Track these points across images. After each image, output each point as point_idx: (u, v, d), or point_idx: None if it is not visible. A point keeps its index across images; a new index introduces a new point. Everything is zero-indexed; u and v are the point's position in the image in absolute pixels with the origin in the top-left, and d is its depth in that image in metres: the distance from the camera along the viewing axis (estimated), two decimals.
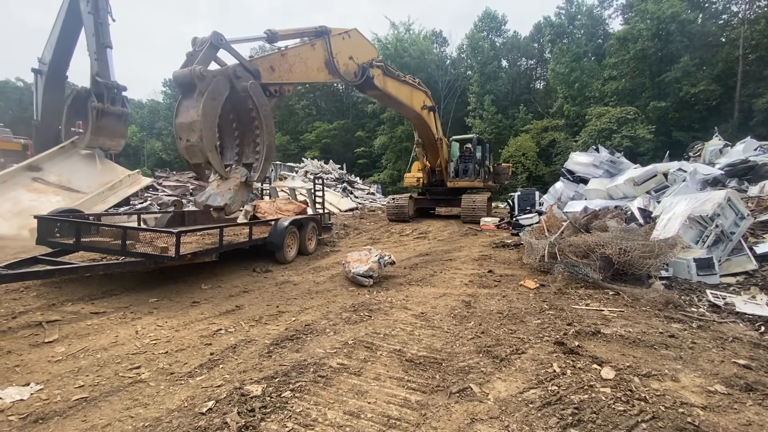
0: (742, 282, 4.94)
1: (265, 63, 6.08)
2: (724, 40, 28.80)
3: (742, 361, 2.94)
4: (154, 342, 3.38)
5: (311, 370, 2.83)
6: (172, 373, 2.83)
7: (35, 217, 5.29)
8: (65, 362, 2.99)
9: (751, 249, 5.42)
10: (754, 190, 7.82)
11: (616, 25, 37.07)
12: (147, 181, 10.90)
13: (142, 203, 15.83)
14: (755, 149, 10.27)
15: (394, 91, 10.25)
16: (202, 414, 2.28)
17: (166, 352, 3.17)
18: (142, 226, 6.88)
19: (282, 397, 2.46)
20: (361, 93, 9.58)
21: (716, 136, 12.79)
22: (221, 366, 2.94)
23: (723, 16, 29.84)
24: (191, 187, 19.71)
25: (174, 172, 25.77)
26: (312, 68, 7.08)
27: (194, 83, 4.79)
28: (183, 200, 16.61)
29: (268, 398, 2.44)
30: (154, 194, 18.03)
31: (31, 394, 2.52)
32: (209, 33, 5.31)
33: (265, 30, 6.30)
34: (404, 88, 11.06)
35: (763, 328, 3.64)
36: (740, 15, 28.67)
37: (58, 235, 5.37)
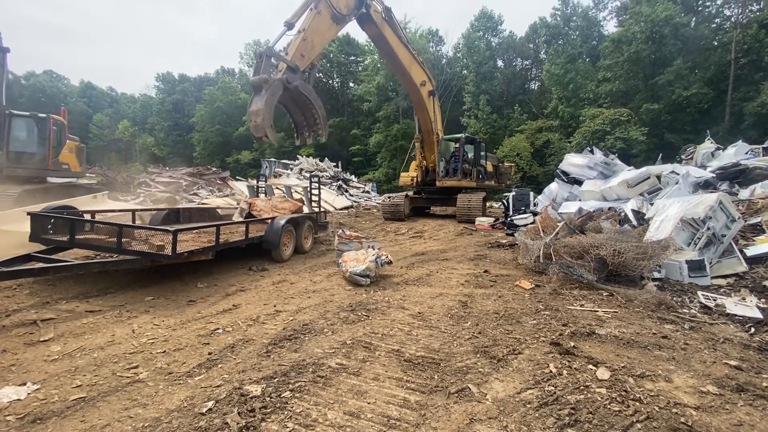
0: (732, 284, 5.02)
1: (297, 54, 7.54)
2: (716, 43, 29.17)
3: (733, 362, 3.00)
4: (151, 341, 3.36)
5: (310, 370, 2.84)
6: (170, 373, 2.82)
7: (28, 213, 5.22)
8: (62, 361, 2.97)
9: (741, 251, 5.52)
10: (744, 193, 7.96)
11: (610, 27, 37.46)
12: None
13: (134, 199, 15.69)
14: (746, 153, 10.45)
15: (392, 41, 10.70)
16: (202, 414, 2.28)
17: (164, 352, 3.16)
18: (137, 223, 6.82)
19: (282, 398, 2.47)
20: (362, 29, 10.55)
21: (708, 139, 12.98)
22: (220, 366, 2.94)
23: (716, 20, 30.26)
24: (184, 183, 19.56)
25: (167, 168, 25.54)
26: (325, 32, 8.42)
27: (261, 86, 6.86)
28: (176, 197, 16.50)
29: (268, 398, 2.45)
30: (147, 190, 17.88)
31: (28, 393, 2.50)
32: (264, 47, 7.35)
33: (284, 23, 7.60)
34: (404, 49, 11.38)
35: (753, 330, 3.72)
36: (733, 19, 29.10)
37: (51, 232, 5.30)
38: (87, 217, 5.94)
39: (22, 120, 10.63)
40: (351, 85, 49.99)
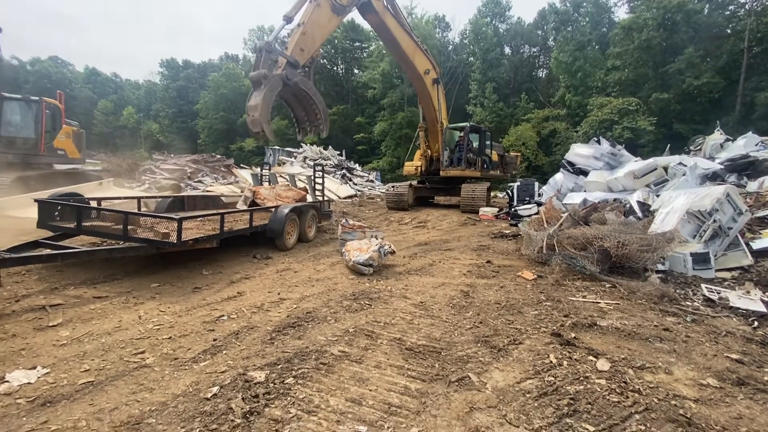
0: (737, 277, 5.00)
1: (296, 49, 7.48)
2: (729, 31, 28.45)
3: (734, 356, 3.01)
4: (157, 327, 3.42)
5: (313, 357, 2.88)
6: (176, 359, 2.88)
7: (36, 200, 5.27)
8: (70, 346, 3.03)
9: (747, 244, 5.48)
10: (752, 186, 7.86)
11: (621, 13, 36.52)
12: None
13: (139, 186, 15.76)
14: (756, 144, 10.28)
15: (394, 29, 10.54)
16: (207, 399, 2.33)
17: (170, 338, 3.22)
18: (143, 210, 6.87)
19: (285, 384, 2.51)
20: (363, 18, 10.51)
21: (718, 130, 12.75)
22: (224, 352, 2.99)
23: (730, 7, 29.42)
24: (189, 170, 19.59)
25: (172, 155, 25.55)
26: (325, 25, 8.30)
27: (261, 81, 6.85)
28: (181, 184, 16.57)
29: (272, 384, 2.49)
30: (152, 177, 17.94)
31: (38, 377, 2.56)
32: (263, 42, 7.33)
33: (283, 17, 7.57)
34: (407, 37, 11.18)
35: (756, 323, 3.72)
36: (747, 6, 28.30)
37: (58, 218, 5.36)
38: (93, 204, 5.99)
39: (13, 103, 10.18)
40: (355, 71, 49.44)
